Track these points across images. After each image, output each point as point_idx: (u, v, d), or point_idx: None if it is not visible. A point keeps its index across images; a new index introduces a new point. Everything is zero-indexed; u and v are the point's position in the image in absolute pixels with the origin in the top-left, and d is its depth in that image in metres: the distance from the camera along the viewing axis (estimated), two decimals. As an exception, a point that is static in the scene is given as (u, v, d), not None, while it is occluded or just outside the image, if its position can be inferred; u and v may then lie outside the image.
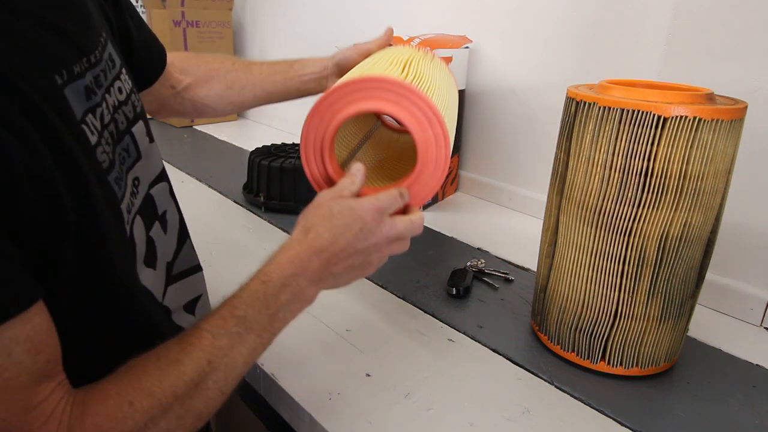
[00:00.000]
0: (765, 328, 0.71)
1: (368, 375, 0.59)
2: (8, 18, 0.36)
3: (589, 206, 0.56)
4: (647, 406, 0.56)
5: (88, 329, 0.41)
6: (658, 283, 0.56)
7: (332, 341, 0.65)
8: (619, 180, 0.53)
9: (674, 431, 0.53)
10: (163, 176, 0.56)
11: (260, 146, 1.15)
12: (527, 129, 1.03)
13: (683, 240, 0.54)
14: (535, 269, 0.69)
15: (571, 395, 0.57)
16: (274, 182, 1.02)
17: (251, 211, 1.03)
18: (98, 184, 0.40)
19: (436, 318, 0.70)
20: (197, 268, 0.61)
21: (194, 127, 1.69)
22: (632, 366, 0.59)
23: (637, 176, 0.52)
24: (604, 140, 0.53)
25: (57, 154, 0.36)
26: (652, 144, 0.51)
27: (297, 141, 1.20)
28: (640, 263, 0.55)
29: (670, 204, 0.53)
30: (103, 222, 0.41)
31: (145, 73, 0.65)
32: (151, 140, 0.54)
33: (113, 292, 0.43)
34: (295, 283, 0.45)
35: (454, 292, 0.75)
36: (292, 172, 1.02)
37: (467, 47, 1.05)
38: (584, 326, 0.60)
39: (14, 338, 0.32)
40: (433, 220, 1.00)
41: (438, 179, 0.52)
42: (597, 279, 0.57)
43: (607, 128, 0.53)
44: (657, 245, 0.54)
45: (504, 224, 1.02)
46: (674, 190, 0.52)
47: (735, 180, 0.56)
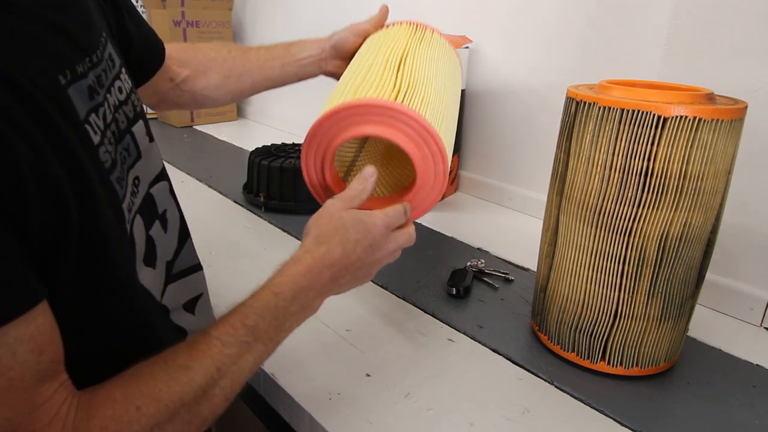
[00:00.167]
0: (765, 328, 0.71)
1: (368, 375, 0.59)
2: (11, 18, 0.36)
3: (589, 206, 0.56)
4: (647, 406, 0.56)
5: (86, 328, 0.41)
6: (658, 283, 0.56)
7: (332, 341, 0.65)
8: (619, 180, 0.53)
9: (674, 431, 0.53)
10: (163, 175, 0.56)
11: (260, 146, 1.15)
12: (527, 129, 1.03)
13: (683, 240, 0.54)
14: (535, 269, 0.69)
15: (571, 395, 0.57)
16: (274, 182, 1.02)
17: (251, 211, 1.03)
18: (101, 184, 0.40)
19: (436, 318, 0.70)
20: (197, 267, 0.61)
21: (194, 127, 1.69)
22: (632, 366, 0.59)
23: (637, 176, 0.52)
24: (604, 140, 0.53)
25: (61, 154, 0.36)
26: (652, 144, 0.51)
27: (297, 141, 1.20)
28: (640, 263, 0.55)
29: (670, 204, 0.53)
30: (105, 222, 0.41)
31: (144, 68, 0.65)
32: (151, 139, 0.54)
33: (112, 292, 0.43)
34: (305, 296, 0.47)
35: (454, 292, 0.75)
36: (292, 172, 1.02)
37: (467, 47, 1.05)
38: (584, 326, 0.60)
39: (18, 338, 0.32)
40: (433, 220, 1.00)
41: (437, 193, 0.54)
42: (597, 279, 0.57)
43: (607, 128, 0.53)
44: (657, 245, 0.54)
45: (504, 224, 1.02)
46: (674, 190, 0.52)
47: (735, 180, 0.56)
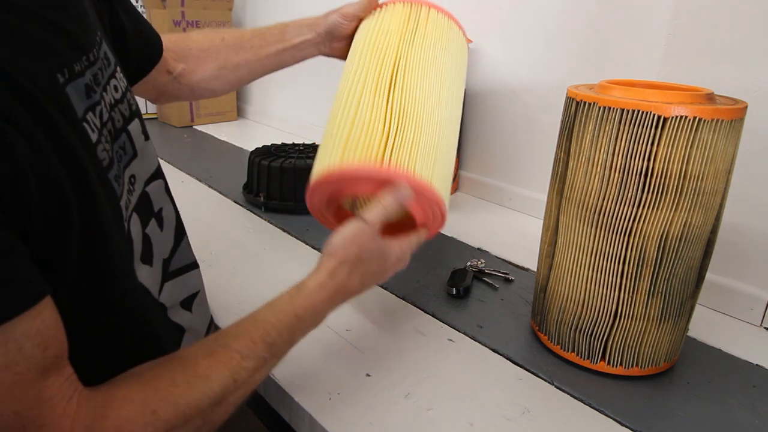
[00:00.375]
0: (765, 328, 0.71)
1: (368, 375, 0.59)
2: (10, 17, 0.36)
3: (589, 206, 0.56)
4: (647, 406, 0.56)
5: (86, 327, 0.41)
6: (658, 283, 0.56)
7: (332, 341, 0.65)
8: (619, 180, 0.53)
9: (674, 431, 0.53)
10: (159, 174, 0.56)
11: (260, 146, 1.15)
12: (527, 129, 1.03)
13: (683, 240, 0.54)
14: (535, 269, 0.69)
15: (571, 395, 0.57)
16: (274, 182, 1.02)
17: (251, 211, 1.03)
18: (99, 182, 0.41)
19: (436, 318, 0.70)
20: (194, 265, 0.61)
21: (194, 127, 1.69)
22: (632, 366, 0.59)
23: (637, 176, 0.52)
24: (604, 140, 0.53)
25: (61, 153, 0.36)
26: (652, 144, 0.51)
27: (297, 141, 1.20)
28: (640, 263, 0.55)
29: (670, 204, 0.53)
30: (105, 220, 0.41)
31: (143, 63, 0.65)
32: (147, 138, 0.54)
33: (111, 290, 0.43)
34: (321, 317, 0.51)
35: (454, 292, 0.75)
36: (292, 172, 1.02)
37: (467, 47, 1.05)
38: (584, 326, 0.60)
39: (25, 333, 0.33)
40: (433, 220, 1.00)
41: (438, 227, 0.59)
42: (597, 279, 0.57)
43: (607, 128, 0.53)
44: (657, 245, 0.54)
45: (504, 224, 1.02)
46: (674, 190, 0.52)
47: (735, 180, 0.56)
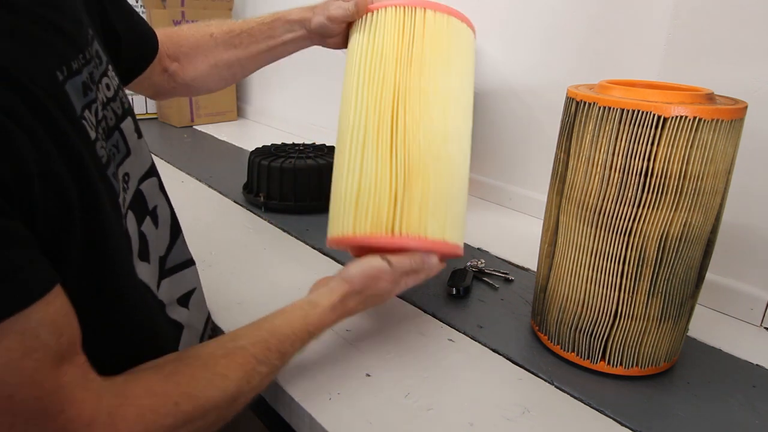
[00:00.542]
0: (765, 328, 0.71)
1: (368, 375, 0.59)
2: (9, 16, 0.37)
3: (589, 206, 0.56)
4: (647, 406, 0.56)
5: (87, 323, 0.41)
6: (658, 283, 0.56)
7: (332, 341, 0.65)
8: (619, 180, 0.53)
9: (674, 431, 0.53)
10: (153, 172, 0.56)
11: (260, 146, 1.15)
12: (527, 129, 1.03)
13: (683, 240, 0.54)
14: (535, 269, 0.69)
15: (571, 395, 0.57)
16: (274, 182, 1.02)
17: (251, 211, 1.03)
18: (100, 179, 0.41)
19: (436, 318, 0.70)
20: (190, 262, 0.61)
21: (194, 127, 1.69)
22: (632, 366, 0.59)
23: (637, 176, 0.52)
24: (604, 140, 0.53)
25: (62, 150, 0.36)
26: (652, 144, 0.51)
27: (297, 141, 1.20)
28: (640, 263, 0.55)
29: (670, 204, 0.53)
30: (106, 217, 0.41)
31: (137, 61, 0.65)
32: (140, 136, 0.54)
33: (112, 286, 0.43)
34: (324, 331, 0.56)
35: (454, 292, 0.75)
36: (292, 172, 1.01)
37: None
38: (584, 326, 0.60)
39: (40, 321, 0.33)
40: (433, 220, 1.00)
41: (452, 257, 0.64)
42: (597, 279, 0.57)
43: (607, 128, 0.53)
44: (657, 245, 0.54)
45: (504, 224, 1.02)
46: (674, 190, 0.52)
47: (735, 180, 0.56)
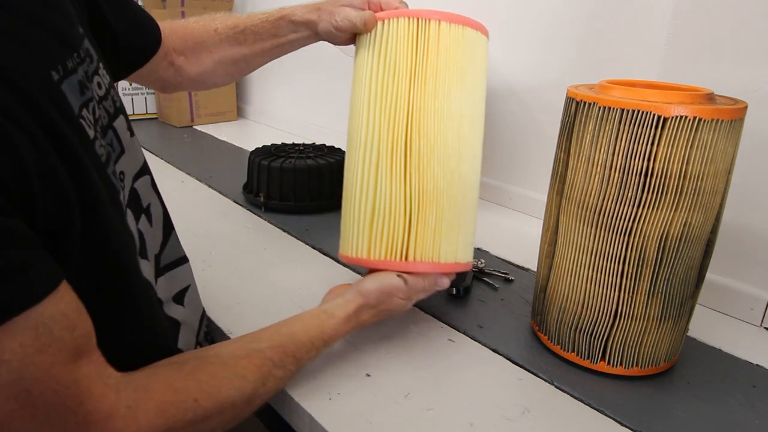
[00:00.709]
0: (765, 328, 0.71)
1: (368, 375, 0.59)
2: (4, 17, 0.37)
3: (589, 206, 0.56)
4: (647, 406, 0.56)
5: (93, 321, 0.41)
6: (658, 283, 0.56)
7: (332, 341, 0.65)
8: (619, 180, 0.53)
9: (674, 431, 0.53)
10: (146, 169, 0.56)
11: (260, 146, 1.15)
12: (527, 129, 1.03)
13: (683, 240, 0.54)
14: (535, 269, 0.69)
15: (571, 395, 0.57)
16: (274, 182, 1.02)
17: (251, 211, 1.03)
18: (99, 177, 0.41)
19: (436, 318, 0.70)
20: (184, 260, 0.61)
21: (194, 127, 1.69)
22: (632, 366, 0.59)
23: (637, 176, 0.52)
24: (604, 140, 0.53)
25: (60, 150, 0.37)
26: (652, 144, 0.51)
27: (297, 141, 1.20)
28: (640, 263, 0.55)
29: (670, 204, 0.53)
30: (107, 215, 0.41)
31: (136, 55, 0.64)
32: (132, 134, 0.54)
33: (119, 285, 0.44)
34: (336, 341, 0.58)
35: (454, 292, 0.75)
36: (292, 172, 1.01)
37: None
38: (584, 326, 0.59)
39: (52, 316, 0.34)
40: (433, 220, 1.00)
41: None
42: (597, 279, 0.57)
43: (607, 128, 0.53)
44: (657, 245, 0.54)
45: (504, 224, 1.02)
46: (674, 190, 0.52)
47: (735, 180, 0.56)
